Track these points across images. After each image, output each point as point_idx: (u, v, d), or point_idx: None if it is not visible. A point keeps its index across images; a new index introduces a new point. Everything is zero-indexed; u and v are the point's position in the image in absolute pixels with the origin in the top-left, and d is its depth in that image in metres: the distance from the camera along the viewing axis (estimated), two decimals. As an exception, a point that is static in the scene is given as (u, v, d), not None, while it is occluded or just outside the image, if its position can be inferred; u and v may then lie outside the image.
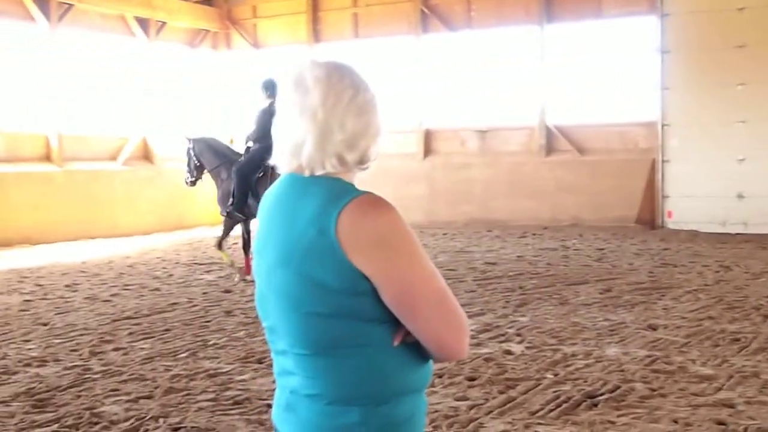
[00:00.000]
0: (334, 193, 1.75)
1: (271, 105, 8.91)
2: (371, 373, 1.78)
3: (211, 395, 5.07)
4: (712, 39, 14.24)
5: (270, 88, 9.27)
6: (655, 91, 14.97)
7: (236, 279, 9.63)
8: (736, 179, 14.11)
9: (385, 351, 1.79)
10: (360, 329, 1.77)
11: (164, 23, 17.37)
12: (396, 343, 1.78)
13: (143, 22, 16.94)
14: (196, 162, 10.63)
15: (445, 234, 14.58)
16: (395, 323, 1.78)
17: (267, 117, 8.85)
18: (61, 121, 15.20)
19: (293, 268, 1.75)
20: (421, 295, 1.75)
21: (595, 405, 4.75)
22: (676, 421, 4.42)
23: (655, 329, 6.67)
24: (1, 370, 5.72)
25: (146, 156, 16.98)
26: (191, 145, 10.66)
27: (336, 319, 1.76)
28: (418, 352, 1.82)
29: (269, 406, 4.81)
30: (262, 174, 9.63)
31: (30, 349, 6.37)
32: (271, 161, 1.87)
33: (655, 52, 14.93)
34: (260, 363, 5.79)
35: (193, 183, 10.96)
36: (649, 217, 15.02)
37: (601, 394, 4.91)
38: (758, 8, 13.89)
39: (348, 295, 1.74)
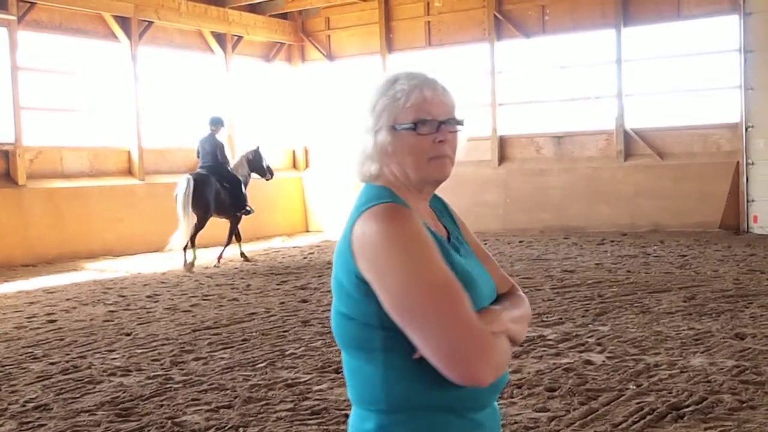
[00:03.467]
0: (363, 200, 1.83)
1: (213, 134, 12.99)
2: (388, 380, 1.76)
3: (290, 405, 5.09)
4: (797, 37, 13.75)
5: (218, 122, 13.08)
6: (738, 92, 14.53)
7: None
8: (825, 181, 13.57)
9: (405, 360, 1.74)
10: (376, 334, 1.76)
11: (240, 38, 17.70)
12: (416, 356, 1.72)
13: (220, 37, 17.31)
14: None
15: (521, 242, 14.40)
16: None
17: (217, 142, 12.99)
18: (141, 136, 15.62)
19: (334, 267, 1.84)
20: (415, 309, 1.69)
21: (681, 417, 4.59)
22: (767, 435, 4.24)
23: (742, 338, 6.43)
24: (87, 380, 5.86)
25: (224, 168, 17.27)
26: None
27: (353, 322, 1.80)
28: None
29: (346, 416, 4.80)
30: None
31: (114, 358, 6.52)
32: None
33: (737, 52, 14.50)
34: (337, 373, 5.80)
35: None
36: (734, 222, 14.55)
37: (687, 406, 4.75)
38: None
39: (357, 299, 1.77)
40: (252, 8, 17.96)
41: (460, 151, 1.91)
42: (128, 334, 7.47)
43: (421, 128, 1.82)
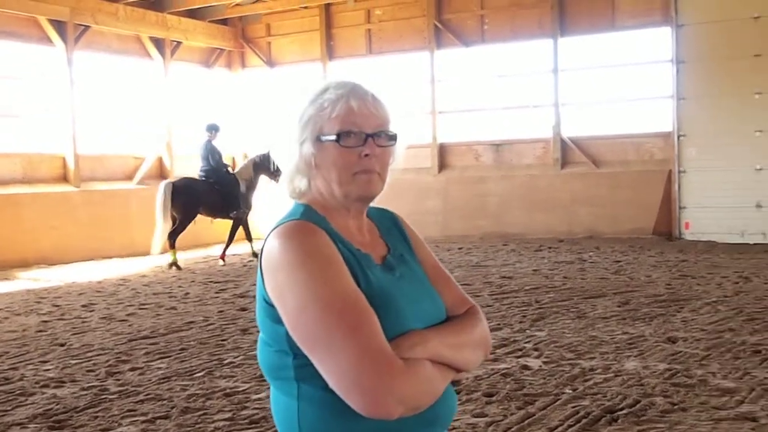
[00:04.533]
0: (281, 218, 1.76)
1: (209, 140, 13.72)
2: (303, 411, 1.65)
3: (228, 414, 5.05)
4: (727, 48, 14.18)
5: (213, 128, 13.77)
6: (671, 102, 14.91)
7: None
8: (754, 189, 14.00)
9: (318, 390, 1.62)
10: (289, 362, 1.66)
11: (179, 43, 17.51)
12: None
13: (158, 43, 17.09)
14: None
15: (460, 248, 14.53)
16: None
17: (211, 147, 13.76)
18: (77, 142, 15.32)
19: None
20: (312, 330, 1.58)
21: (615, 420, 4.69)
22: (697, 436, 4.35)
23: (674, 342, 6.60)
24: (19, 392, 5.72)
25: (162, 175, 17.06)
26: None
27: (270, 348, 1.71)
28: None
29: (286, 424, 4.80)
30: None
31: (47, 369, 6.38)
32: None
33: (669, 63, 14.89)
34: (276, 381, 5.77)
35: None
36: (667, 228, 14.92)
37: (621, 409, 4.85)
38: (773, 17, 13.83)
39: (269, 324, 1.69)
40: (191, 14, 17.78)
41: (392, 167, 1.81)
42: (62, 345, 7.31)
43: (345, 140, 1.71)
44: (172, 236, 13.22)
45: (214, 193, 13.53)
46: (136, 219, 16.07)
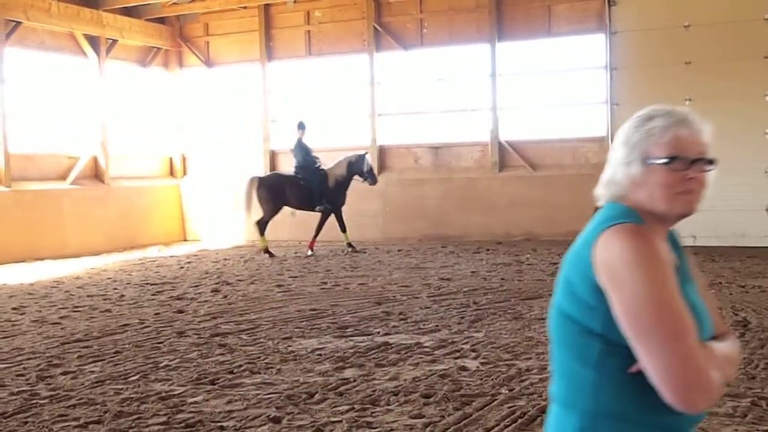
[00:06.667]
0: (608, 215, 1.96)
1: (300, 139, 14.61)
2: (601, 386, 1.88)
3: (163, 418, 4.97)
4: (659, 56, 14.54)
5: (300, 126, 14.58)
6: (605, 107, 15.22)
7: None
8: (684, 193, 14.36)
9: (619, 371, 1.86)
10: (596, 342, 1.89)
11: (115, 41, 17.17)
12: (632, 369, 1.83)
13: (93, 41, 16.73)
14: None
15: (399, 250, 14.58)
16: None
17: (301, 145, 14.61)
18: (8, 141, 14.90)
19: (563, 268, 1.99)
20: (647, 325, 1.79)
21: (550, 419, 4.75)
22: (629, 434, 4.44)
23: (607, 342, 6.72)
24: (-56, 397, 5.55)
25: (97, 175, 16.75)
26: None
27: (576, 325, 1.93)
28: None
29: (222, 428, 4.75)
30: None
31: (-25, 374, 6.19)
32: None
33: (603, 69, 15.19)
34: (213, 384, 5.71)
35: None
36: (601, 231, 15.19)
37: (556, 409, 4.92)
38: (703, 26, 14.22)
39: (589, 305, 1.90)
40: (127, 11, 17.46)
41: (708, 190, 2.01)
42: (-9, 349, 7.11)
43: (673, 164, 1.94)
44: (262, 226, 14.26)
45: (299, 188, 14.42)
46: (70, 219, 15.76)
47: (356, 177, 14.67)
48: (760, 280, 10.10)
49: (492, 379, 5.65)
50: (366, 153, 14.86)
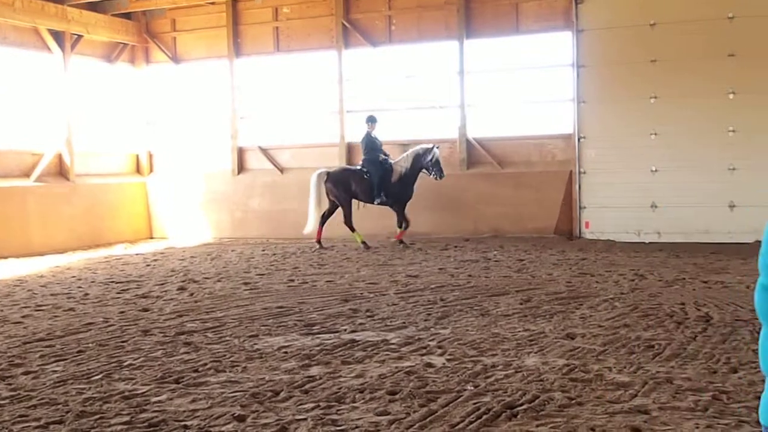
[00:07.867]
0: None
1: (369, 132, 14.91)
2: None
3: (126, 418, 4.92)
4: (625, 53, 14.68)
5: (370, 120, 14.97)
6: (572, 105, 15.32)
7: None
8: (649, 189, 14.53)
9: None
10: None
11: (80, 37, 16.97)
12: None
13: (58, 36, 16.52)
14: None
15: (368, 247, 14.57)
16: None
17: (368, 139, 14.93)
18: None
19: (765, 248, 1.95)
20: None
21: (515, 416, 4.78)
22: (593, 429, 4.48)
23: (573, 338, 6.78)
24: None
25: (62, 172, 16.54)
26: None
27: None
28: None
29: (186, 427, 4.71)
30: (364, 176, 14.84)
31: (-66, 375, 6.09)
32: None
33: (570, 67, 15.30)
34: (177, 383, 5.67)
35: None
36: (567, 227, 15.33)
37: (521, 405, 4.95)
38: (669, 24, 14.38)
39: None
40: (93, 6, 17.25)
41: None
42: (-49, 349, 6.99)
43: None
44: (348, 223, 14.75)
45: (364, 182, 14.69)
46: (34, 217, 15.55)
47: (423, 171, 14.74)
48: (723, 276, 10.23)
49: (457, 376, 5.66)
50: (435, 146, 14.80)
